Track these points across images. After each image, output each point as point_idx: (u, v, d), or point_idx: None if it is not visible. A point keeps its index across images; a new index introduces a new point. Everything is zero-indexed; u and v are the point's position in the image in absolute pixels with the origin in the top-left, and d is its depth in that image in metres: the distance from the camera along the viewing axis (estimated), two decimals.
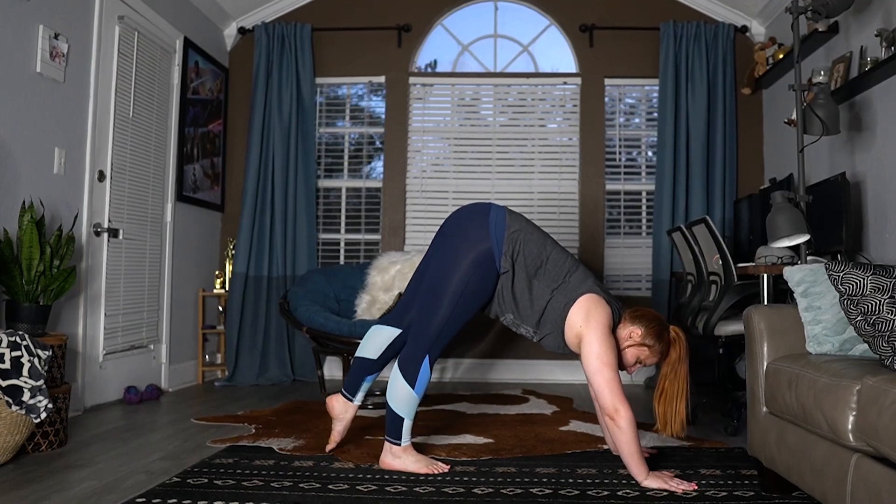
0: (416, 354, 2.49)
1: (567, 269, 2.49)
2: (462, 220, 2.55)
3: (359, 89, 5.34)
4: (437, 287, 2.49)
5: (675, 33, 4.94)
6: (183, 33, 4.59)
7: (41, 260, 2.95)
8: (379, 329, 2.73)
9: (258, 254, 4.95)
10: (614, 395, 2.33)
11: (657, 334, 2.50)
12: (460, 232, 2.52)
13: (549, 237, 2.56)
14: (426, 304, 2.51)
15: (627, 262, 5.12)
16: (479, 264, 2.46)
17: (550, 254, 2.50)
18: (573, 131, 5.19)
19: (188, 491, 2.23)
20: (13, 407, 2.47)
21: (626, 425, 2.31)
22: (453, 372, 5.06)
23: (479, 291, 2.49)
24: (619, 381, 2.36)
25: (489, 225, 2.49)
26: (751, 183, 5.01)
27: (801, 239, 3.03)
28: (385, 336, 2.70)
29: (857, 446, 1.71)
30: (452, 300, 2.46)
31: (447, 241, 2.54)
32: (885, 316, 1.82)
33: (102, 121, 3.78)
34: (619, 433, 2.32)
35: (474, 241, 2.47)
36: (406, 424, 2.51)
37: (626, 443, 2.32)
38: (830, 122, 3.23)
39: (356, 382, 2.73)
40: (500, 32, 5.32)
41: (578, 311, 2.44)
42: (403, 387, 2.48)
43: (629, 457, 2.33)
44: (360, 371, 2.73)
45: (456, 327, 2.50)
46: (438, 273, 2.50)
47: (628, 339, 2.51)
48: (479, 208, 2.56)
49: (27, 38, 3.21)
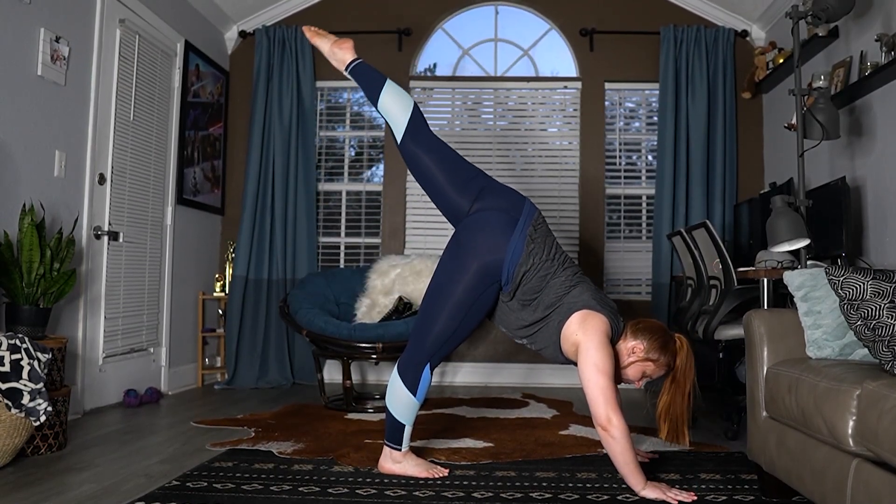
0: (417, 360, 2.44)
1: (564, 291, 2.40)
2: (480, 238, 2.41)
3: (360, 97, 5.34)
4: (443, 295, 2.41)
5: (676, 37, 4.95)
6: (184, 36, 4.59)
7: (41, 263, 2.96)
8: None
9: (258, 257, 4.95)
10: (608, 404, 2.24)
11: (661, 346, 2.42)
12: (475, 248, 2.40)
13: (557, 260, 2.44)
14: (430, 310, 2.44)
15: (627, 265, 5.12)
16: (489, 283, 2.40)
17: (550, 281, 2.41)
18: (573, 135, 5.19)
19: (188, 494, 2.22)
20: (13, 410, 2.47)
21: (620, 435, 2.23)
22: (453, 376, 5.06)
23: (484, 306, 2.44)
24: (613, 391, 2.29)
25: (506, 254, 2.39)
26: (751, 187, 5.01)
27: (801, 243, 3.03)
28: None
29: (857, 451, 1.71)
30: (458, 314, 2.40)
31: (460, 251, 2.43)
32: (885, 320, 1.82)
33: (103, 124, 3.78)
34: (613, 444, 2.25)
35: (487, 260, 2.39)
36: (407, 430, 2.48)
37: (620, 453, 2.25)
38: (830, 126, 3.24)
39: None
40: (500, 36, 5.33)
41: (574, 324, 2.37)
42: (405, 393, 2.44)
43: (624, 467, 2.26)
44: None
45: (459, 338, 2.46)
46: (446, 283, 2.42)
47: (631, 355, 2.44)
48: (502, 230, 2.41)
49: (28, 41, 3.22)
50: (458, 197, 2.51)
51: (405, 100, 2.57)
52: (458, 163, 2.57)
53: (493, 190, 2.53)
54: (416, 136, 2.53)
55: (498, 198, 2.49)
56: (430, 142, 2.55)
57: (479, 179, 2.55)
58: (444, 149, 2.57)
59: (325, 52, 2.70)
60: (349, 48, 2.66)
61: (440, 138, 2.62)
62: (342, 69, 2.66)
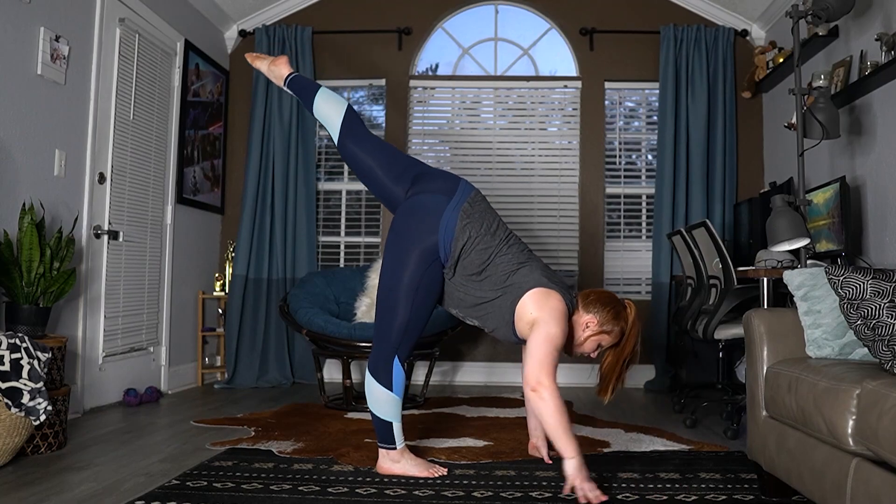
0: (385, 357, 2.45)
1: (512, 269, 2.41)
2: (412, 221, 2.45)
3: (359, 96, 5.34)
4: (392, 286, 2.43)
5: (676, 37, 4.95)
6: (184, 36, 4.59)
7: (41, 262, 2.96)
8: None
9: (258, 256, 4.95)
10: (544, 369, 2.24)
11: (614, 318, 2.45)
12: (409, 232, 2.44)
13: (498, 236, 2.46)
14: (384, 304, 2.46)
15: (627, 265, 5.12)
16: (430, 262, 2.42)
17: (494, 258, 2.42)
18: (573, 134, 5.19)
19: (187, 493, 2.22)
20: (12, 409, 2.47)
21: (549, 396, 2.21)
22: (453, 375, 5.06)
23: (432, 285, 2.45)
24: (554, 362, 2.28)
25: (439, 229, 2.42)
26: (751, 186, 5.02)
27: (801, 243, 3.03)
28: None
29: (856, 450, 1.71)
30: (409, 299, 2.42)
31: (397, 238, 2.47)
32: (884, 320, 1.82)
33: (103, 123, 3.78)
34: (543, 405, 2.22)
35: (422, 240, 2.42)
36: (396, 427, 2.49)
37: (550, 414, 2.21)
38: (830, 125, 3.24)
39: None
40: (500, 36, 5.33)
41: (529, 304, 2.37)
42: (382, 391, 2.45)
43: (555, 430, 2.22)
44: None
45: (420, 323, 2.47)
46: (390, 273, 2.45)
47: (586, 329, 2.45)
48: (434, 209, 2.44)
49: (28, 40, 3.22)
50: (395, 186, 2.57)
51: (338, 102, 2.68)
52: (395, 156, 2.67)
53: (428, 174, 2.58)
54: (352, 135, 2.63)
55: (432, 181, 2.54)
56: (365, 139, 2.63)
57: (414, 168, 2.62)
58: (380, 144, 2.68)
59: (264, 71, 2.89)
60: (284, 63, 2.84)
61: (377, 136, 2.74)
62: (280, 84, 2.83)
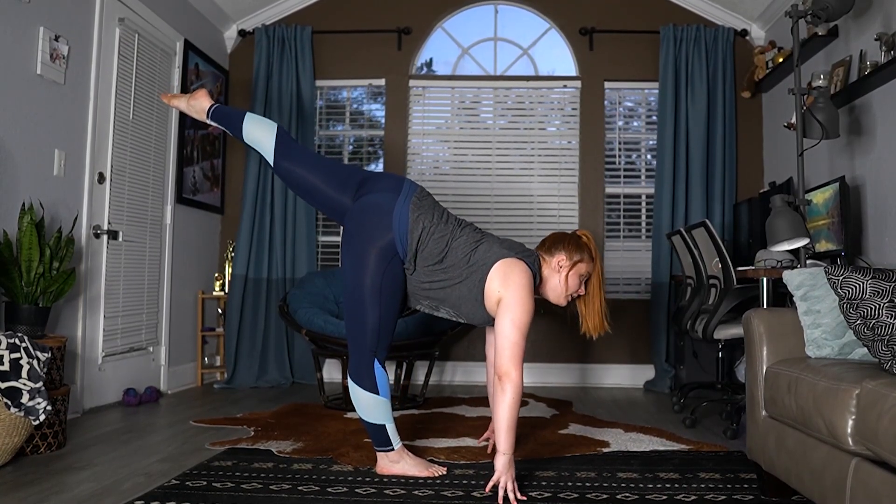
0: (365, 361, 2.44)
1: (470, 249, 2.43)
2: (365, 220, 2.45)
3: (359, 94, 5.34)
4: (356, 290, 2.43)
5: (675, 37, 4.95)
6: (183, 35, 4.59)
7: (41, 262, 2.95)
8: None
9: (258, 256, 4.95)
10: (513, 358, 2.27)
11: (577, 246, 2.52)
12: (363, 232, 2.44)
13: (451, 223, 2.49)
14: (352, 308, 2.45)
15: (627, 265, 5.12)
16: (389, 259, 2.42)
17: (451, 243, 2.44)
18: (573, 134, 5.19)
19: (187, 493, 2.22)
20: (12, 409, 2.47)
21: (512, 391, 2.24)
22: (453, 375, 5.06)
23: (396, 282, 2.45)
24: (523, 348, 2.31)
25: (393, 224, 2.42)
26: (750, 186, 5.02)
27: (800, 242, 3.03)
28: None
29: (856, 450, 1.71)
30: (375, 300, 2.41)
31: (352, 241, 2.46)
32: (884, 320, 1.82)
33: (102, 123, 3.78)
34: (502, 397, 2.25)
35: (378, 238, 2.42)
36: (389, 428, 2.48)
37: (505, 409, 2.25)
38: (830, 125, 3.24)
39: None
40: (500, 35, 5.33)
41: (494, 279, 2.38)
42: (368, 396, 2.44)
43: (502, 422, 2.25)
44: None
45: (390, 322, 2.46)
46: (352, 276, 2.44)
47: (561, 269, 2.50)
48: (384, 206, 2.44)
49: (27, 40, 3.21)
50: (339, 196, 2.55)
51: (267, 125, 2.63)
52: (334, 166, 2.65)
53: (372, 178, 2.57)
54: (286, 154, 2.59)
55: (378, 181, 2.54)
56: (301, 155, 2.60)
57: (357, 174, 2.60)
58: (317, 158, 2.66)
59: (183, 109, 2.78)
60: (203, 95, 2.75)
61: (311, 151, 2.70)
62: (203, 118, 2.72)
